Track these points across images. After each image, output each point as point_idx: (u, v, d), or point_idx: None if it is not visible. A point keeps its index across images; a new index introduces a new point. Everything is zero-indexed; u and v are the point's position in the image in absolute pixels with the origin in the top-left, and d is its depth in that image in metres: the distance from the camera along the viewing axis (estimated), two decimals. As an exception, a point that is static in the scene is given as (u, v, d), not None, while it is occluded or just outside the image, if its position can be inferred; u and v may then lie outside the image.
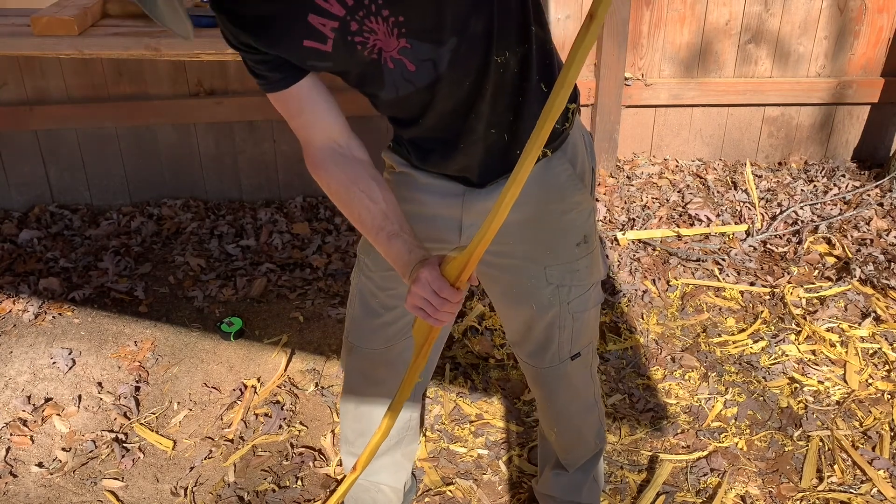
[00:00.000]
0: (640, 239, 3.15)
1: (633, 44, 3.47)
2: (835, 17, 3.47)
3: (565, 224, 1.52)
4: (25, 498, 2.10)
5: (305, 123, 1.34)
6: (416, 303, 1.28)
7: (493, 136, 1.37)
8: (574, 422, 1.80)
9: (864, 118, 3.68)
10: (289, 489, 2.12)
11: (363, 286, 1.66)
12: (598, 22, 1.05)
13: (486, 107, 1.34)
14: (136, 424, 2.32)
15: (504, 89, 1.33)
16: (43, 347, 2.61)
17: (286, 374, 2.51)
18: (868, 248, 3.08)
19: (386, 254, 1.36)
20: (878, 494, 2.08)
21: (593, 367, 1.75)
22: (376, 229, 1.36)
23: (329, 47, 1.24)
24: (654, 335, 2.66)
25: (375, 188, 1.36)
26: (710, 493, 2.10)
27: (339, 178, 1.37)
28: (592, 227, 1.56)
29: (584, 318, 1.61)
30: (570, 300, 1.57)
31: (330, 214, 3.33)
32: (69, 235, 3.20)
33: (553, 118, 1.08)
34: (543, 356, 1.66)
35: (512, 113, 1.36)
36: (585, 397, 1.77)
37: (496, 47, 1.28)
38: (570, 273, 1.55)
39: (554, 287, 1.55)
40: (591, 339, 1.69)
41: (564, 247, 1.53)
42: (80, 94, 3.23)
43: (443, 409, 2.37)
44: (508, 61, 1.30)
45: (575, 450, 1.85)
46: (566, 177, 1.47)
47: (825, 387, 2.43)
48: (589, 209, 1.55)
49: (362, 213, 1.36)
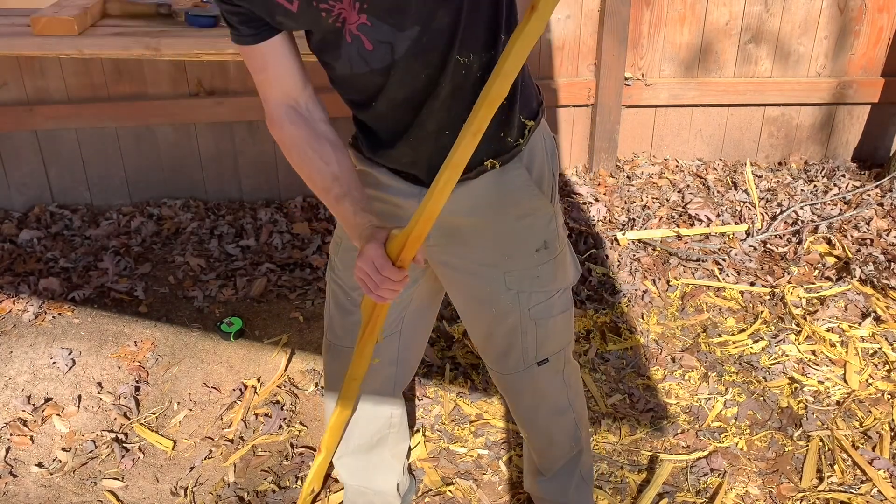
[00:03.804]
0: (640, 239, 3.15)
1: (633, 44, 3.47)
2: (835, 16, 3.47)
3: (522, 230, 1.50)
4: (25, 498, 2.10)
5: (267, 80, 1.36)
6: (359, 275, 1.34)
7: (446, 139, 1.35)
8: (542, 426, 1.78)
9: (864, 118, 3.68)
10: (289, 489, 2.12)
11: (334, 285, 1.67)
12: (540, 15, 1.06)
13: (440, 105, 1.33)
14: (136, 424, 2.32)
15: (463, 92, 1.32)
16: (43, 347, 2.61)
17: (286, 374, 2.51)
18: (868, 248, 3.08)
19: (336, 215, 1.40)
20: (878, 494, 2.08)
21: (566, 371, 1.71)
22: (325, 190, 1.38)
23: (294, 7, 1.25)
24: (654, 335, 2.66)
25: (329, 150, 1.38)
26: (710, 493, 2.10)
27: (293, 136, 1.39)
28: (554, 233, 1.54)
29: (550, 324, 1.59)
30: (530, 306, 1.55)
31: (330, 214, 3.33)
32: (69, 235, 3.20)
33: (489, 106, 1.12)
34: (506, 362, 1.65)
35: (459, 117, 1.33)
36: (556, 402, 1.74)
37: (459, 46, 1.27)
38: (531, 279, 1.53)
39: (514, 293, 1.54)
40: (562, 346, 1.66)
41: (523, 253, 1.52)
42: (80, 94, 3.23)
43: (443, 409, 2.37)
44: (472, 64, 1.30)
45: (547, 454, 1.83)
46: (521, 182, 1.46)
47: (825, 387, 2.43)
48: (549, 215, 1.52)
49: (313, 173, 1.39)
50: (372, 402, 1.78)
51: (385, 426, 1.84)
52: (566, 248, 1.60)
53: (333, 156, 1.38)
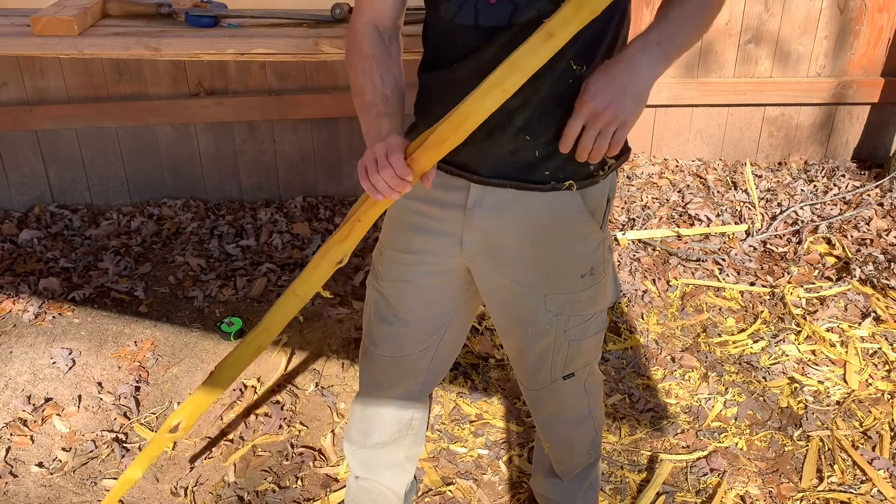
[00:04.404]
0: (640, 239, 3.15)
1: (633, 44, 3.47)
2: (835, 17, 3.47)
3: (570, 254, 1.47)
4: (25, 498, 2.10)
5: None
6: (365, 160, 1.29)
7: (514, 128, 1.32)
8: (563, 434, 1.77)
9: (864, 118, 3.68)
10: (289, 489, 2.12)
11: (376, 293, 1.65)
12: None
13: (529, 95, 1.29)
14: (136, 424, 2.32)
15: (557, 96, 1.29)
16: (43, 347, 2.61)
17: (286, 374, 2.51)
18: (868, 248, 3.08)
19: (367, 129, 1.36)
20: (878, 494, 2.08)
21: (588, 381, 1.70)
22: (370, 105, 1.35)
23: None
24: (654, 335, 2.66)
25: (390, 76, 1.37)
26: (710, 493, 2.10)
27: (364, 49, 1.39)
28: (600, 260, 1.50)
29: (582, 345, 1.58)
30: (567, 328, 1.54)
31: (330, 214, 3.33)
32: (69, 235, 3.20)
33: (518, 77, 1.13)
34: (535, 378, 1.64)
35: (552, 124, 1.32)
36: (576, 411, 1.73)
37: (578, 48, 1.25)
38: (571, 303, 1.51)
39: (553, 315, 1.51)
40: (588, 361, 1.65)
41: (567, 277, 1.49)
42: (80, 94, 3.23)
43: (443, 409, 2.37)
44: (580, 73, 1.27)
45: (567, 461, 1.83)
46: (575, 207, 1.42)
47: (825, 387, 2.43)
48: (598, 241, 1.49)
49: (366, 86, 1.36)
50: (397, 405, 1.78)
51: (405, 427, 1.83)
52: (610, 271, 1.56)
53: (392, 82, 1.36)
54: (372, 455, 1.86)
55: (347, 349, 2.60)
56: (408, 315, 1.61)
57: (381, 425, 1.80)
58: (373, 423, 1.81)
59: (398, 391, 1.75)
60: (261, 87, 3.28)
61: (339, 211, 3.34)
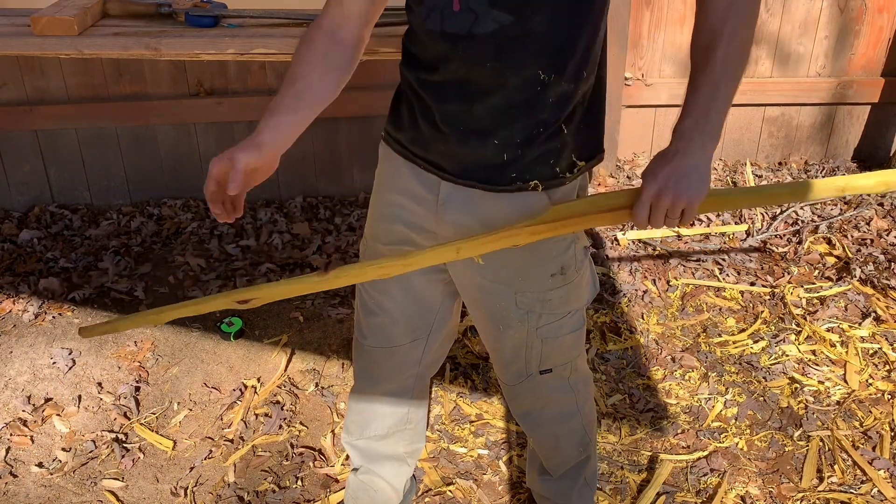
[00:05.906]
0: (640, 239, 3.15)
1: (633, 44, 3.47)
2: (835, 17, 3.47)
3: (539, 253, 1.47)
4: (25, 498, 2.10)
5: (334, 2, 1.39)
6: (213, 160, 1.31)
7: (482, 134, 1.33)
8: (547, 430, 1.77)
9: (864, 118, 3.68)
10: (289, 489, 2.12)
11: (361, 285, 1.67)
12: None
13: (497, 102, 1.30)
14: (136, 424, 2.32)
15: (526, 104, 1.30)
16: (43, 347, 2.61)
17: (286, 374, 2.51)
18: (868, 248, 3.08)
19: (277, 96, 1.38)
20: (879, 494, 2.08)
21: (573, 378, 1.69)
22: (290, 81, 1.36)
23: None
24: (654, 335, 2.66)
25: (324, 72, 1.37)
26: (710, 493, 2.10)
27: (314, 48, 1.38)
28: (572, 259, 1.50)
29: (557, 342, 1.58)
30: (539, 326, 1.54)
31: (330, 214, 3.33)
32: (69, 235, 3.20)
33: None
34: (507, 372, 1.66)
35: (520, 130, 1.33)
36: (561, 407, 1.73)
37: (546, 63, 1.25)
38: (541, 302, 1.51)
39: (523, 313, 1.52)
40: (567, 359, 1.65)
41: (537, 276, 1.49)
42: (80, 94, 3.23)
43: (443, 409, 2.37)
44: (550, 85, 1.28)
45: (554, 457, 1.83)
46: (541, 206, 1.41)
47: (825, 387, 2.43)
48: (568, 241, 1.48)
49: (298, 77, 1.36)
50: (392, 398, 1.80)
51: (403, 421, 1.84)
52: (585, 270, 1.56)
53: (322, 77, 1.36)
54: (370, 445, 1.88)
55: (347, 349, 2.60)
56: (393, 306, 1.62)
57: (377, 418, 1.82)
58: (369, 415, 1.82)
59: (392, 385, 1.76)
60: (261, 87, 3.28)
61: (339, 211, 3.34)
